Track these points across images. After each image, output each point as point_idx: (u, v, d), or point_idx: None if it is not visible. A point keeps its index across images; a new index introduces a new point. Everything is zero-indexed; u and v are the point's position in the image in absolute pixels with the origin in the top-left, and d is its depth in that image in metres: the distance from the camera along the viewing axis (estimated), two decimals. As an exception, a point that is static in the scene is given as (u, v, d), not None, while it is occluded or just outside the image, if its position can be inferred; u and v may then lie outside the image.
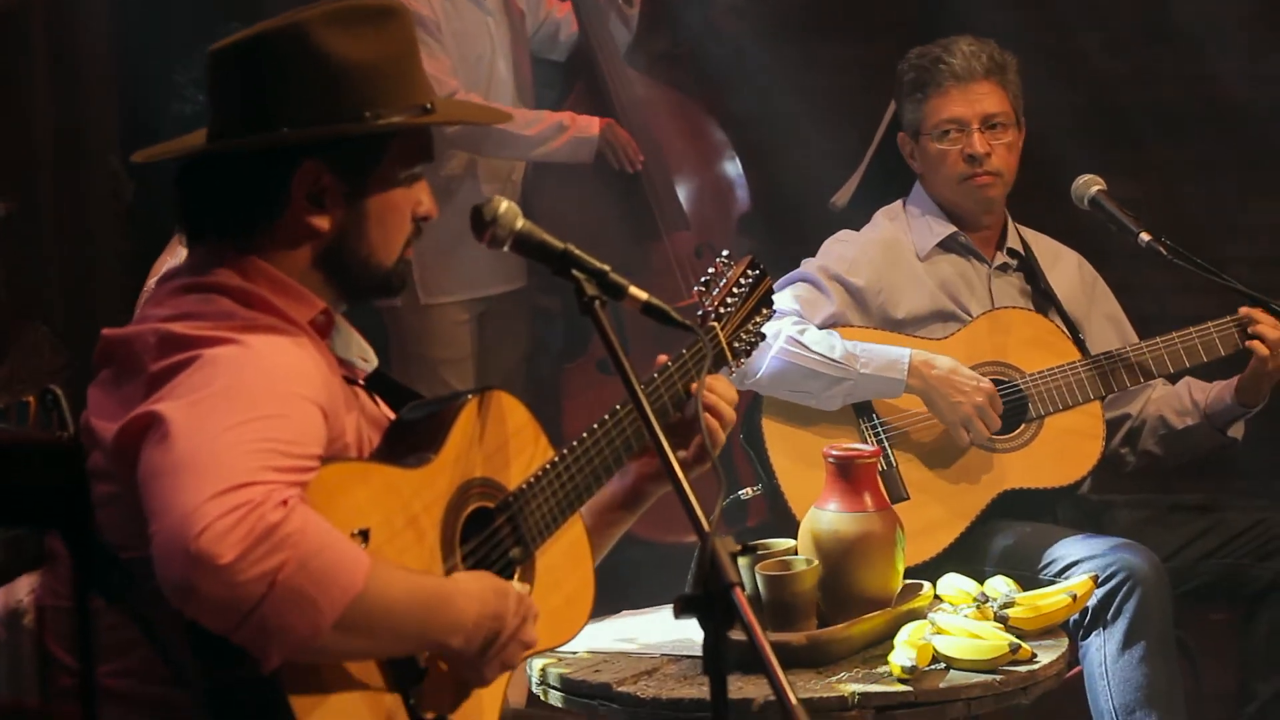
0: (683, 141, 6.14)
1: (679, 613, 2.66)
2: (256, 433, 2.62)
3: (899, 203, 4.84)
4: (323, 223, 2.91)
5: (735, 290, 3.42)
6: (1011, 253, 4.80)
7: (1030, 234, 4.88)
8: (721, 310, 3.41)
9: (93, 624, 2.81)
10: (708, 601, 2.62)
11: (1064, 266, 4.86)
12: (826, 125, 6.35)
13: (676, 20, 6.65)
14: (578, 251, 2.96)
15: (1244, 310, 4.56)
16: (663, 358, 3.26)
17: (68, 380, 4.58)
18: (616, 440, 3.18)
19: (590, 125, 5.85)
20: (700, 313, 3.40)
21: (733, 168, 6.22)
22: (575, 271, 2.94)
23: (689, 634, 3.71)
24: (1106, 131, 6.34)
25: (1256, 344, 4.52)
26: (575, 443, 3.14)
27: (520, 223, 2.99)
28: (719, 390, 3.25)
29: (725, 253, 3.45)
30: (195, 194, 2.95)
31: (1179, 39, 6.45)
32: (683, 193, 6.07)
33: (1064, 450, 4.56)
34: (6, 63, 6.17)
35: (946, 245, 4.75)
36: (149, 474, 2.59)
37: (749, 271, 3.46)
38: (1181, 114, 6.53)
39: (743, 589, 2.63)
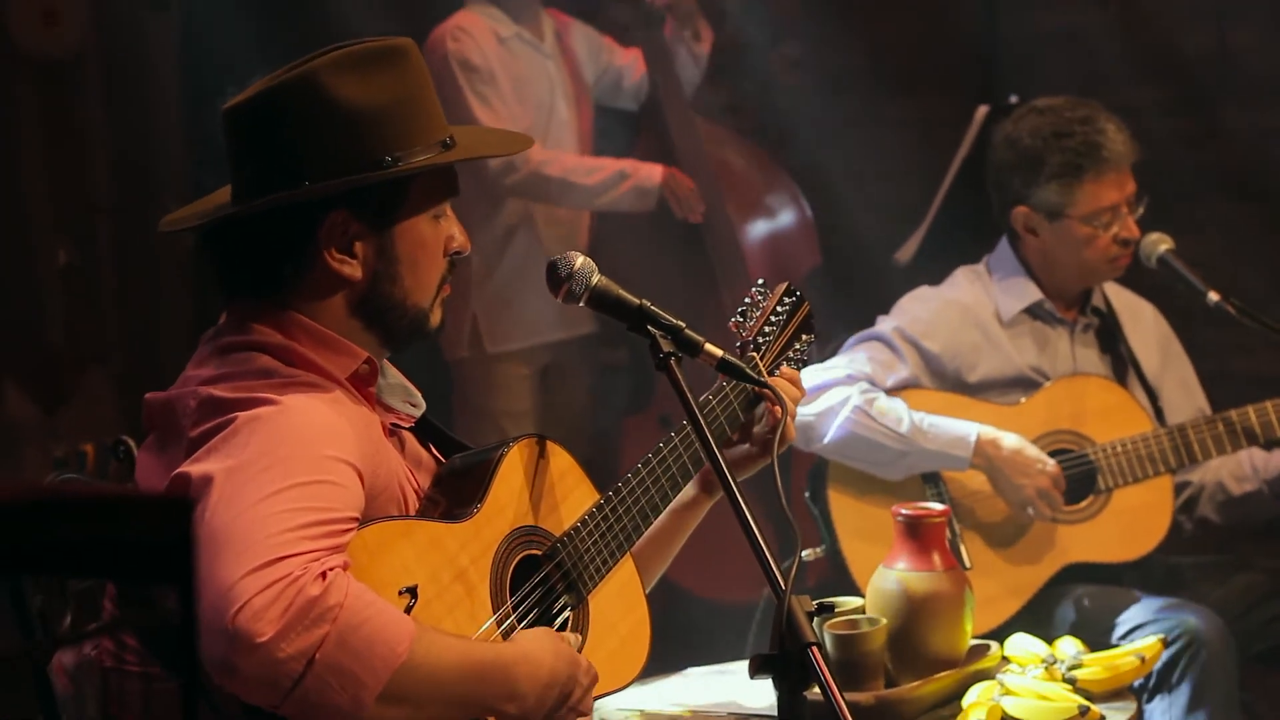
0: (753, 192, 6.08)
1: (754, 672, 2.63)
2: (292, 501, 2.62)
3: (983, 263, 4.75)
4: (354, 271, 2.90)
5: (773, 318, 3.38)
6: (1095, 311, 4.73)
7: (1111, 288, 4.81)
8: (760, 340, 3.36)
9: (152, 689, 2.81)
10: (784, 661, 2.60)
11: (1144, 325, 4.79)
12: (887, 181, 6.33)
13: (737, 72, 6.63)
14: (653, 307, 2.94)
15: None
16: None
17: (125, 430, 4.61)
18: (662, 479, 3.16)
19: (652, 174, 5.79)
20: (738, 343, 3.36)
21: (802, 220, 6.17)
22: (651, 328, 2.92)
23: (753, 692, 3.68)
24: (1163, 189, 6.31)
25: None
26: (620, 484, 3.13)
27: (596, 278, 2.97)
28: (782, 386, 3.19)
29: (760, 281, 3.41)
30: (224, 255, 2.94)
31: (1237, 96, 6.42)
32: (753, 244, 6.01)
33: (1131, 525, 4.52)
34: (66, 111, 6.20)
35: (1031, 311, 4.67)
36: None
37: (785, 298, 3.41)
38: (1237, 172, 6.49)
39: (821, 649, 2.60)
